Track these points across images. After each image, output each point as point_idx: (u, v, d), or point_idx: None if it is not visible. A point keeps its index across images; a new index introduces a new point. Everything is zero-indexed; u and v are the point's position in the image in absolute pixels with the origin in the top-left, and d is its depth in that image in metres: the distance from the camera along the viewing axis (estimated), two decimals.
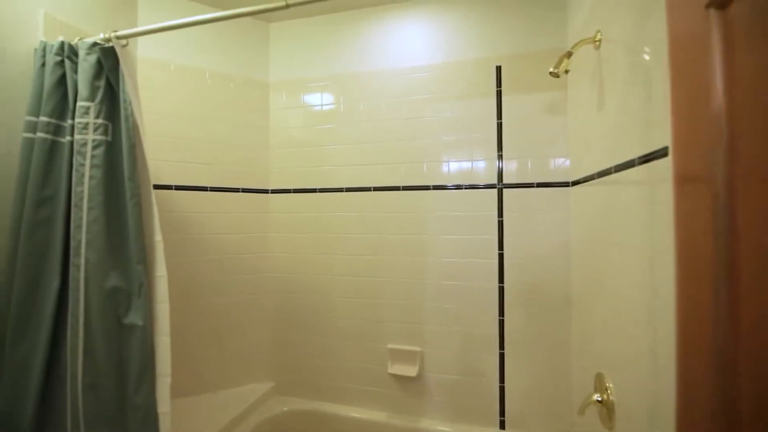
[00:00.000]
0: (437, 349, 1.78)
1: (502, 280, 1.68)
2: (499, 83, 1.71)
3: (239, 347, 1.97)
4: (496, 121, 1.71)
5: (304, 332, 1.99)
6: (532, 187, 1.66)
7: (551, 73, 1.26)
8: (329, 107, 1.98)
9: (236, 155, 1.97)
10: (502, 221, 1.69)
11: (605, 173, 1.18)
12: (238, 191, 1.97)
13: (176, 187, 1.80)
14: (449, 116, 1.78)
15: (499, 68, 1.72)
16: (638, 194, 0.96)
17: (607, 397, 1.10)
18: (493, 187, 1.71)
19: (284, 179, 2.04)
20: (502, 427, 1.69)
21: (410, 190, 1.83)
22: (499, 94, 1.71)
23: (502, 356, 1.69)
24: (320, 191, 1.97)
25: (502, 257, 1.69)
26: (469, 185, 1.75)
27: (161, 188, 1.75)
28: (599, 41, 1.22)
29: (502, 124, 1.71)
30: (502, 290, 1.69)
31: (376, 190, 1.88)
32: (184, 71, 1.84)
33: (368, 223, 1.89)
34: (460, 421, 1.73)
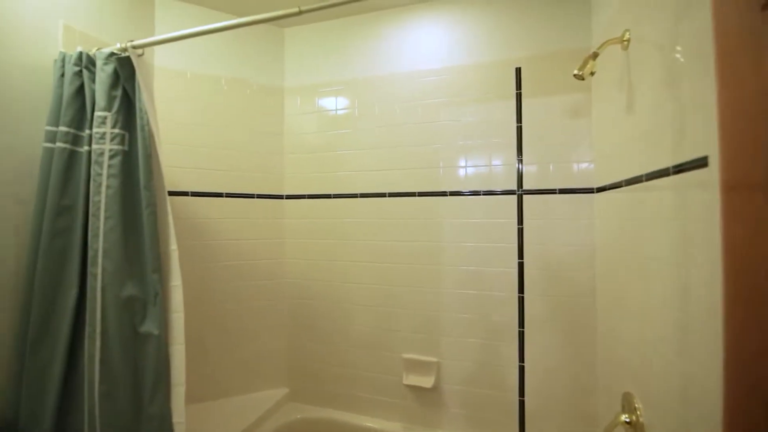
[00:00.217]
0: (454, 360, 1.73)
1: (522, 290, 1.62)
2: (518, 85, 1.65)
3: (254, 353, 1.96)
4: (515, 124, 1.65)
5: (318, 339, 1.97)
6: (554, 193, 1.60)
7: (576, 75, 1.20)
8: (343, 112, 1.96)
9: (251, 161, 1.97)
10: (522, 229, 1.63)
11: (635, 180, 1.11)
12: (253, 197, 1.96)
13: (192, 193, 1.81)
14: (467, 120, 1.73)
15: (518, 70, 1.66)
16: (672, 204, 0.89)
17: (636, 418, 1.04)
18: (512, 193, 1.65)
19: (299, 185, 2.03)
20: None
21: (426, 196, 1.79)
22: (518, 96, 1.65)
23: (522, 369, 1.62)
24: (335, 197, 1.95)
25: (522, 266, 1.63)
26: (487, 191, 1.70)
27: (178, 195, 1.76)
28: (627, 41, 1.15)
29: (522, 127, 1.65)
30: (522, 301, 1.63)
31: (391, 196, 1.84)
32: (200, 79, 1.85)
33: (383, 229, 1.86)
34: None
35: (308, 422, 1.90)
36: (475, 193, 1.71)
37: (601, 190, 1.47)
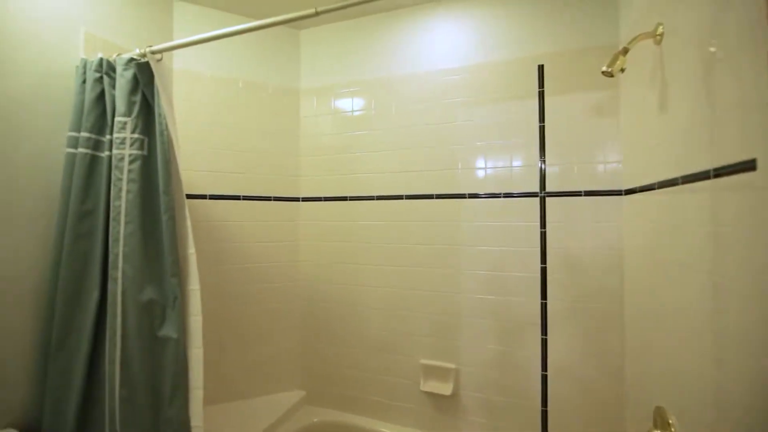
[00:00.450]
0: (473, 366, 1.68)
1: (545, 296, 1.56)
2: (541, 84, 1.59)
3: (269, 355, 1.97)
4: (538, 124, 1.59)
5: (334, 342, 1.96)
6: (579, 195, 1.53)
7: (604, 72, 1.14)
8: (359, 113, 1.93)
9: (268, 163, 1.97)
10: (544, 232, 1.57)
11: (670, 183, 1.04)
12: (269, 200, 1.96)
13: (210, 196, 1.82)
14: (486, 120, 1.68)
15: (541, 67, 1.59)
16: (711, 209, 0.83)
17: None
18: (535, 195, 1.59)
19: (315, 187, 2.02)
20: None
21: (444, 198, 1.74)
22: (541, 95, 1.59)
23: (544, 378, 1.57)
24: (351, 199, 1.93)
25: (544, 271, 1.57)
26: (507, 193, 1.64)
27: (196, 197, 1.78)
28: (661, 35, 1.08)
29: (544, 127, 1.59)
30: (544, 307, 1.57)
31: (408, 198, 1.81)
32: (218, 81, 1.86)
33: (400, 232, 1.83)
34: None
35: (325, 426, 1.88)
36: (494, 195, 1.66)
37: (630, 192, 1.40)
